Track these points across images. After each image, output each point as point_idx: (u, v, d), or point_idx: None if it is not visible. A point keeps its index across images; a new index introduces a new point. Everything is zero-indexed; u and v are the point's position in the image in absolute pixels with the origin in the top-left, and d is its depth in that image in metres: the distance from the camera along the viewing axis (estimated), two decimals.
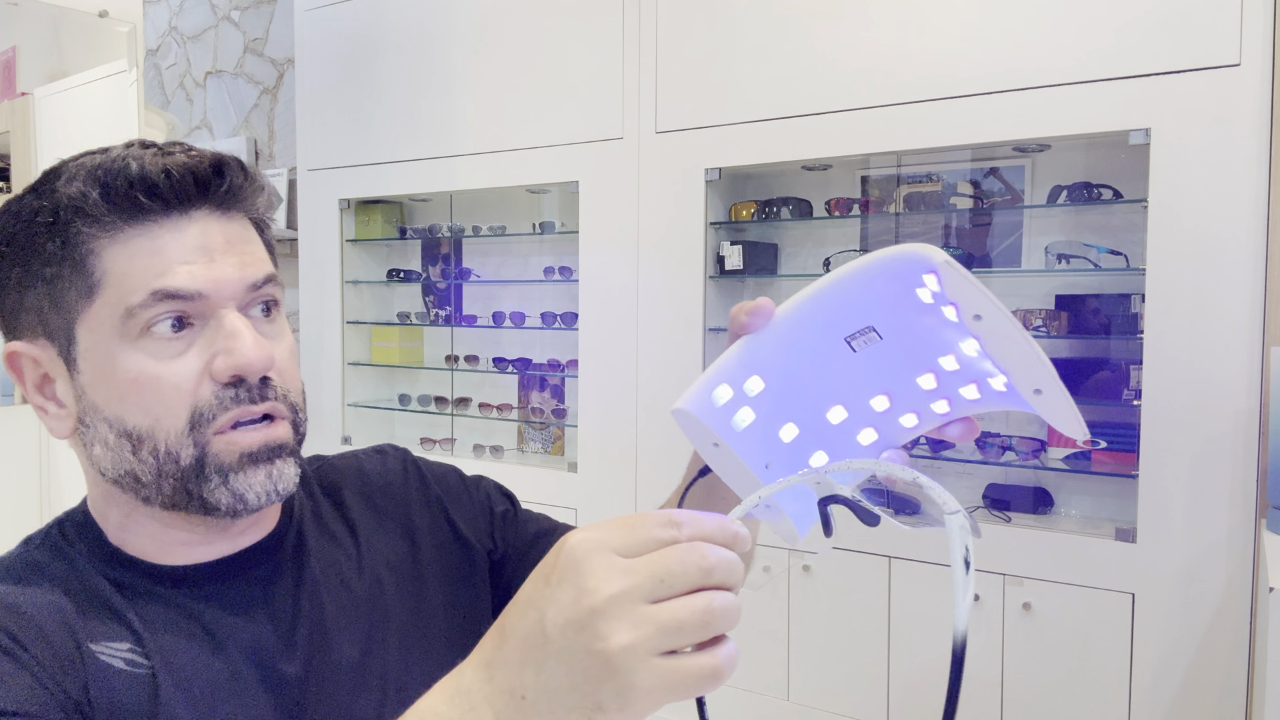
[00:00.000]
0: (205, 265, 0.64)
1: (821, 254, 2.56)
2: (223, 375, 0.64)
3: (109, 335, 0.63)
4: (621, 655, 0.41)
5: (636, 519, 0.44)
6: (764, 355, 0.58)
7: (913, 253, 0.55)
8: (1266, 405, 1.81)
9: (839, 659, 2.31)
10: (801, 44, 2.28)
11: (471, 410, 3.09)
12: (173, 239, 0.64)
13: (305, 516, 0.77)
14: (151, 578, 0.68)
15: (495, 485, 0.89)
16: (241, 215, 0.69)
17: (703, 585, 0.42)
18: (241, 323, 0.64)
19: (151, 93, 4.14)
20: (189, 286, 0.63)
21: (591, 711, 0.42)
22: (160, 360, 0.63)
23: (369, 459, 0.86)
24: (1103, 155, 2.20)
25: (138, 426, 0.64)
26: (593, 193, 2.63)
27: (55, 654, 0.61)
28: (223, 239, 0.66)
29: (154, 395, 0.63)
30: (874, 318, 0.57)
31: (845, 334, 0.58)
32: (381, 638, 0.75)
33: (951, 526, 0.46)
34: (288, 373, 0.69)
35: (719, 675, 0.42)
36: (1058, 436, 2.25)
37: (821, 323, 0.58)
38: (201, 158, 0.65)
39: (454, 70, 2.86)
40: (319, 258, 3.23)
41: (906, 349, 0.58)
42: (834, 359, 0.59)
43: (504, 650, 0.45)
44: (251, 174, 0.69)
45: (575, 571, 0.43)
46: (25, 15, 2.30)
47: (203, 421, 0.64)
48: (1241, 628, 1.86)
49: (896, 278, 0.56)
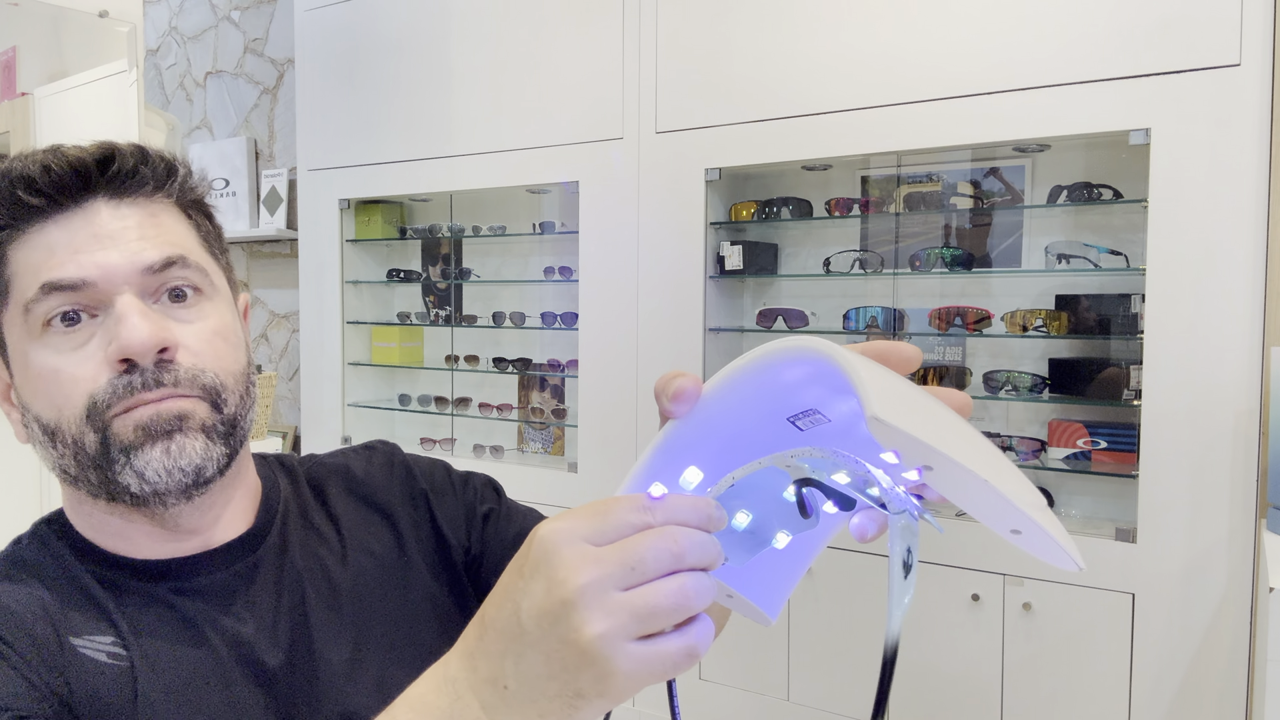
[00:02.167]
0: (93, 252, 0.64)
1: (821, 254, 2.56)
2: (112, 360, 0.63)
3: (21, 335, 0.65)
4: (596, 644, 0.41)
5: (608, 505, 0.45)
6: (697, 442, 0.51)
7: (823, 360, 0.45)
8: (1266, 405, 1.81)
9: (839, 659, 2.31)
10: (801, 44, 2.28)
11: (471, 410, 3.09)
12: (61, 232, 0.64)
13: (289, 511, 0.78)
14: (132, 572, 0.68)
15: (484, 481, 0.89)
16: (155, 201, 0.68)
17: (675, 569, 0.43)
18: (131, 307, 0.63)
19: (151, 93, 4.14)
20: (74, 275, 0.63)
21: (572, 698, 0.43)
22: (61, 353, 0.64)
23: (356, 455, 0.87)
24: (1103, 155, 2.20)
25: (49, 420, 0.65)
26: (593, 193, 2.63)
27: (39, 649, 0.61)
28: (116, 225, 0.65)
29: (55, 388, 0.64)
30: (813, 402, 0.49)
31: (787, 415, 0.50)
32: (367, 629, 0.75)
33: (894, 527, 0.44)
34: (204, 353, 0.67)
35: (694, 655, 0.43)
36: (1058, 436, 2.25)
37: (754, 404, 0.49)
38: (91, 150, 0.65)
39: (454, 70, 2.86)
40: (319, 258, 3.23)
41: (860, 431, 0.49)
42: (780, 440, 0.50)
43: (484, 641, 0.46)
44: (154, 158, 0.68)
45: (547, 562, 0.43)
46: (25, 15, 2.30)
47: (98, 409, 0.63)
48: (1241, 628, 1.86)
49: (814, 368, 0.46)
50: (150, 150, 0.68)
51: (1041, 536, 0.44)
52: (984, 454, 0.44)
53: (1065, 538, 0.44)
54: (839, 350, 0.44)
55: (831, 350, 0.44)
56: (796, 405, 0.49)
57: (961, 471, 0.42)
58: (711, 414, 0.50)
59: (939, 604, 2.17)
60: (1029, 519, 0.43)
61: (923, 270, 2.34)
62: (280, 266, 3.80)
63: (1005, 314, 2.25)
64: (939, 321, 2.35)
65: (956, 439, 0.43)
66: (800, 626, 2.37)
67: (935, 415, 0.45)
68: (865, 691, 2.28)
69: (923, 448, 0.41)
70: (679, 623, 0.43)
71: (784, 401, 0.49)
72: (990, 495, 0.43)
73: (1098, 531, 2.07)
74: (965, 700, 2.16)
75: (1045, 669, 2.06)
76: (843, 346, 0.45)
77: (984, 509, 0.45)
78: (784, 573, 0.53)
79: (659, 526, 0.43)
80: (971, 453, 0.43)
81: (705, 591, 0.43)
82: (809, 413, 0.49)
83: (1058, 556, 0.45)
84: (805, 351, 0.45)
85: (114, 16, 2.32)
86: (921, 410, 0.44)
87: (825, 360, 0.44)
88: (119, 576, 0.68)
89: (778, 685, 2.41)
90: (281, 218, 3.61)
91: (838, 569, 2.30)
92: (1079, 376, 2.20)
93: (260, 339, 3.90)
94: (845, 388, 0.43)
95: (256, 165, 3.78)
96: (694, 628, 0.43)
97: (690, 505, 0.45)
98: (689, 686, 2.53)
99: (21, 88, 2.32)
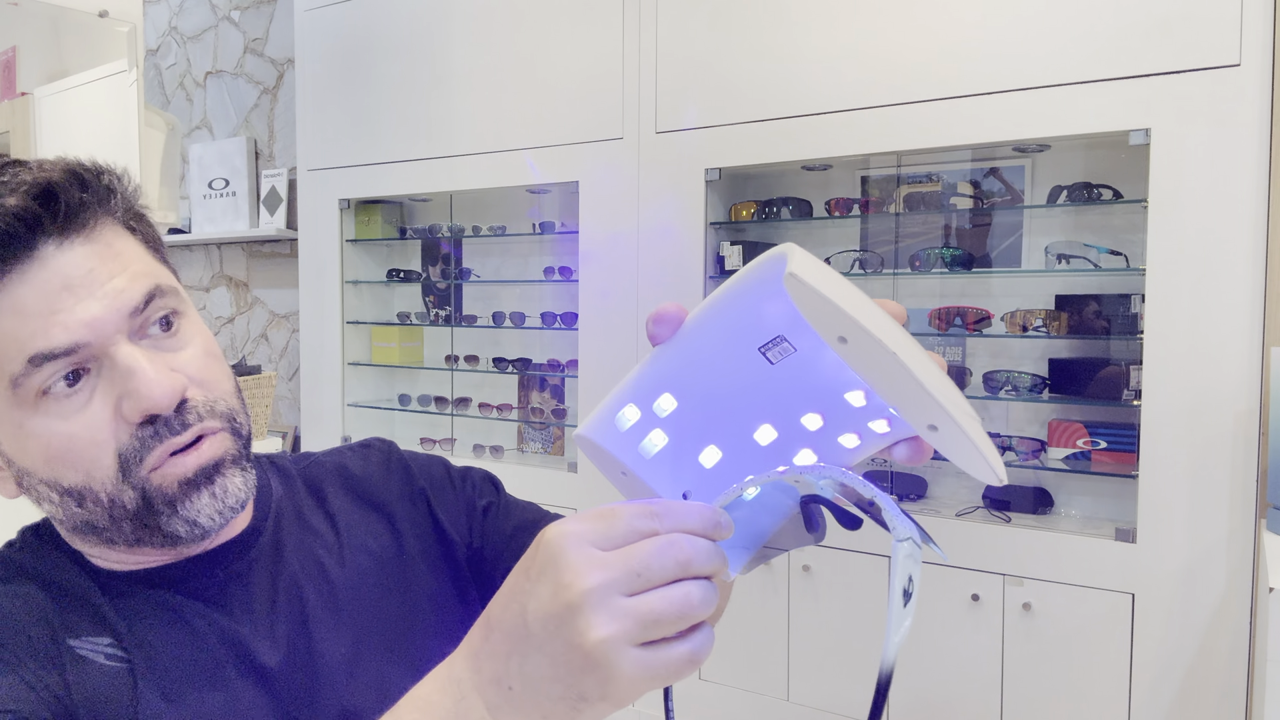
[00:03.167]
0: (73, 309, 0.59)
1: (821, 254, 2.56)
2: (134, 418, 0.61)
3: (8, 405, 0.61)
4: (600, 648, 0.42)
5: (616, 510, 0.45)
6: (674, 369, 0.50)
7: (773, 257, 0.45)
8: (1266, 405, 1.81)
9: (839, 659, 2.31)
10: (801, 44, 2.28)
11: (471, 410, 3.09)
12: (28, 291, 0.58)
13: (284, 512, 0.77)
14: (128, 576, 0.68)
15: (483, 476, 0.89)
16: (100, 226, 0.63)
17: (680, 577, 0.43)
18: (136, 357, 0.60)
19: (151, 93, 4.14)
20: (64, 342, 0.58)
21: (575, 701, 0.43)
22: (67, 419, 0.60)
23: (353, 454, 0.87)
24: (1103, 155, 2.20)
25: (74, 484, 0.62)
26: (593, 193, 2.63)
27: (35, 651, 0.61)
28: (82, 270, 0.60)
29: (75, 454, 0.61)
30: (780, 327, 0.48)
31: (757, 344, 0.49)
32: (366, 627, 0.75)
33: (898, 555, 0.44)
34: (208, 381, 0.65)
35: (696, 662, 0.43)
36: (1058, 437, 2.25)
37: (728, 331, 0.49)
38: (27, 189, 0.59)
39: (454, 70, 2.86)
40: (319, 258, 3.23)
41: (824, 362, 0.49)
42: (752, 372, 0.50)
43: (490, 642, 0.46)
44: (91, 180, 0.63)
45: (554, 565, 0.44)
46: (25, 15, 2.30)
47: (132, 464, 0.61)
48: (1241, 628, 1.86)
49: (774, 286, 0.46)
50: (84, 171, 0.63)
51: (959, 436, 0.43)
52: (904, 340, 0.43)
53: (987, 443, 0.44)
54: (792, 245, 0.44)
55: (786, 245, 0.45)
56: (767, 334, 0.49)
57: (872, 341, 0.41)
58: (692, 341, 0.50)
59: (939, 604, 2.17)
60: (946, 413, 0.42)
61: (923, 270, 2.34)
62: (280, 266, 3.80)
63: (1005, 314, 2.25)
64: (939, 321, 2.35)
65: (874, 316, 0.43)
66: (800, 626, 2.37)
67: (865, 303, 0.44)
68: (865, 692, 2.28)
69: (838, 313, 0.41)
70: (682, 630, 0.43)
71: (756, 330, 0.49)
72: (905, 378, 0.42)
73: (1098, 531, 2.07)
74: (965, 700, 2.16)
75: (1045, 669, 2.06)
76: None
77: (900, 394, 0.44)
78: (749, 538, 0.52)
79: (666, 533, 0.44)
80: (887, 330, 0.42)
81: (709, 600, 0.43)
82: (777, 340, 0.48)
83: (977, 464, 0.44)
84: (766, 258, 0.45)
85: (114, 16, 2.32)
86: (847, 291, 0.43)
87: (778, 254, 0.44)
88: (115, 579, 0.68)
89: (778, 685, 2.41)
90: (281, 218, 3.61)
91: (838, 569, 2.30)
92: (1079, 376, 2.20)
93: (260, 339, 3.90)
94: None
95: (256, 165, 3.79)
96: (696, 635, 0.44)
97: (698, 513, 0.45)
98: (689, 686, 2.53)
99: (21, 88, 2.32)
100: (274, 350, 3.86)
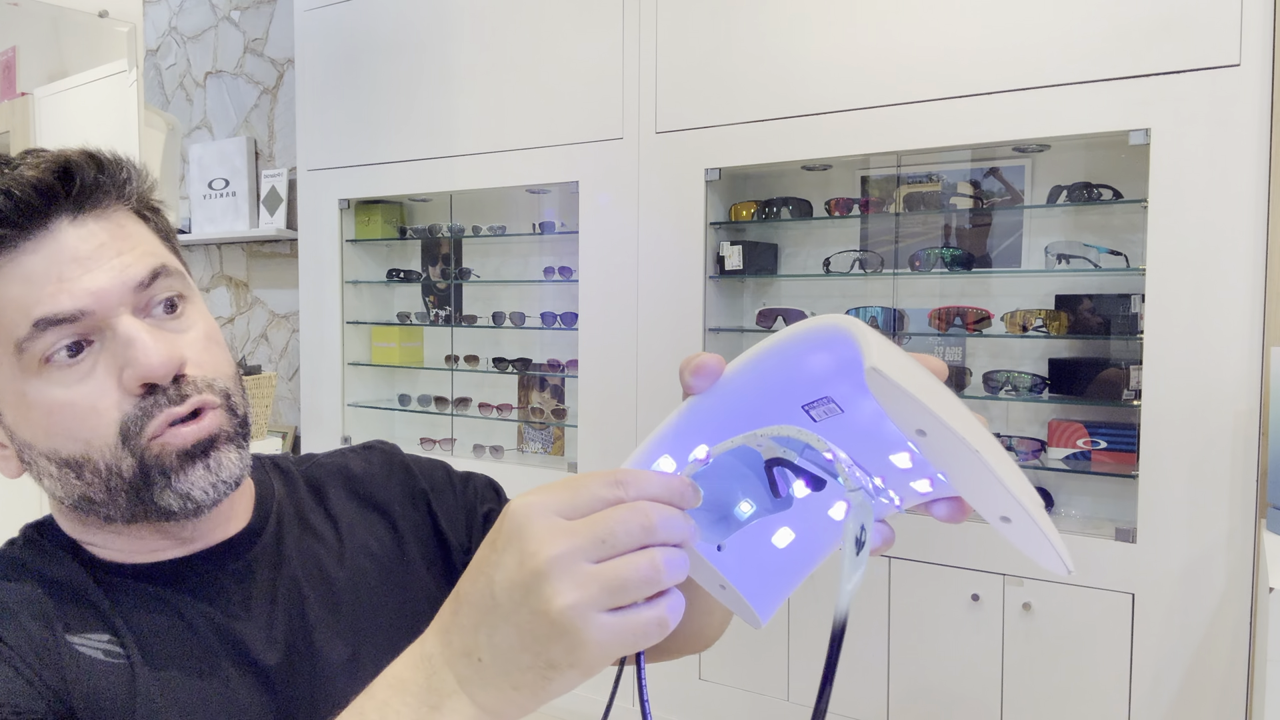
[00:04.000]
0: (79, 278, 0.61)
1: (821, 254, 2.56)
2: (133, 387, 0.62)
3: (12, 374, 0.62)
4: (567, 614, 0.42)
5: (581, 479, 0.45)
6: (712, 421, 0.50)
7: (832, 326, 0.45)
8: (1266, 405, 1.81)
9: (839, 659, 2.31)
10: (801, 44, 2.28)
11: (471, 410, 3.09)
12: (37, 260, 0.60)
13: (285, 511, 0.78)
14: (128, 573, 0.68)
15: (485, 482, 0.89)
16: (113, 210, 0.65)
17: (647, 543, 0.43)
18: (136, 328, 0.62)
19: (151, 93, 4.14)
20: (69, 307, 0.60)
21: (544, 669, 0.44)
22: (69, 387, 0.61)
23: (355, 455, 0.87)
24: (1103, 155, 2.20)
25: (73, 454, 0.63)
26: (593, 193, 2.63)
27: (34, 646, 0.61)
28: (92, 244, 0.62)
29: (76, 422, 0.62)
30: (827, 388, 0.48)
31: (802, 402, 0.49)
32: (366, 627, 0.75)
33: (851, 506, 0.46)
34: (206, 362, 0.66)
35: (665, 626, 0.44)
36: (1058, 437, 2.25)
37: (773, 387, 0.49)
38: (46, 165, 0.62)
39: (454, 70, 2.86)
40: (319, 258, 3.23)
41: (871, 425, 0.49)
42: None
43: (459, 616, 0.46)
44: (109, 164, 0.65)
45: (518, 535, 0.44)
46: (25, 15, 2.30)
47: (133, 431, 0.62)
48: (1241, 628, 1.86)
49: (834, 352, 0.46)
50: (103, 156, 0.65)
51: (1031, 528, 0.44)
52: (982, 435, 0.44)
53: (1056, 536, 0.44)
54: (856, 321, 0.44)
55: (848, 320, 0.44)
56: (813, 393, 0.49)
57: (954, 439, 0.41)
58: (731, 393, 0.50)
59: (939, 604, 2.17)
60: (1020, 506, 0.43)
61: (922, 270, 2.34)
62: (280, 266, 3.80)
63: (1005, 314, 2.25)
64: (939, 321, 2.35)
65: (954, 410, 0.43)
66: (800, 626, 2.37)
67: (938, 389, 0.45)
68: (865, 692, 2.28)
69: (918, 407, 0.41)
70: (650, 595, 0.43)
71: (802, 388, 0.49)
72: (981, 471, 0.42)
73: (1098, 531, 2.07)
74: (965, 700, 2.16)
75: (1045, 669, 2.06)
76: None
77: (975, 486, 0.44)
78: (783, 575, 0.53)
79: (631, 501, 0.44)
80: (968, 426, 0.43)
81: (676, 566, 0.43)
82: (824, 400, 0.49)
83: (1047, 555, 0.45)
84: (825, 328, 0.45)
85: (114, 16, 2.32)
86: (924, 380, 0.44)
87: (841, 331, 0.44)
88: (114, 577, 0.68)
89: (778, 685, 2.41)
90: (281, 218, 3.61)
91: (837, 570, 2.29)
92: (1079, 376, 2.20)
93: (260, 339, 3.90)
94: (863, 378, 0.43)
95: (256, 165, 3.79)
96: (664, 600, 0.44)
97: (662, 481, 0.45)
98: (689, 686, 2.53)
99: (21, 88, 2.32)
100: (274, 350, 3.86)
